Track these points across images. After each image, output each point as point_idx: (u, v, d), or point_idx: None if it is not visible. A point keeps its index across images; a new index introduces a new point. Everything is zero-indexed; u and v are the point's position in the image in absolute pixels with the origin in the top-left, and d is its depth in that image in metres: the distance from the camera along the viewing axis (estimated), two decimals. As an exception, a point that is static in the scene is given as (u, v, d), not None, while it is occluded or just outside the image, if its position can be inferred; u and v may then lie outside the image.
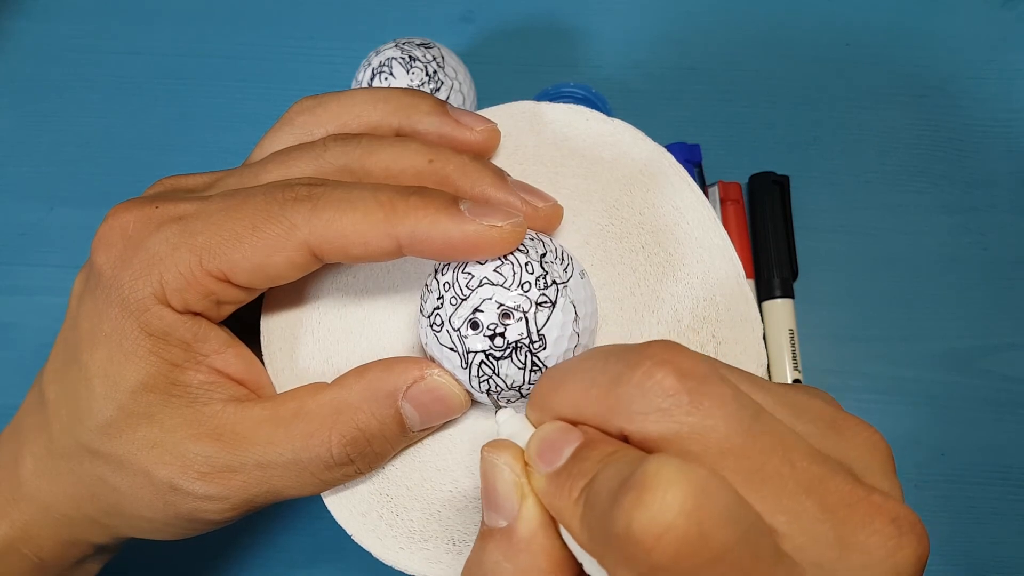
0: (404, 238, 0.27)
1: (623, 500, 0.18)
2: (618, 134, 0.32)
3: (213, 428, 0.28)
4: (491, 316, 0.27)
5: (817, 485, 0.20)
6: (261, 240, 0.27)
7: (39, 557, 0.32)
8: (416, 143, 0.30)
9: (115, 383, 0.28)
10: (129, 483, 0.29)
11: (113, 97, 0.53)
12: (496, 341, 0.27)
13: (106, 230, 0.29)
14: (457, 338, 0.27)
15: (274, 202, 0.27)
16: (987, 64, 0.53)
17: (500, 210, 0.27)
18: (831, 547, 0.20)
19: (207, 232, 0.28)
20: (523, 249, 0.28)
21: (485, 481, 0.23)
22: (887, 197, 0.50)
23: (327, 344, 0.31)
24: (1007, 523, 0.45)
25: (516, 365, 0.27)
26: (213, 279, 0.28)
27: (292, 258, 0.27)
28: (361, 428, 0.28)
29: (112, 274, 0.28)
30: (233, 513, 0.29)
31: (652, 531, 0.18)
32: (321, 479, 0.29)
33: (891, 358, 0.48)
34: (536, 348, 0.27)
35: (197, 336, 0.29)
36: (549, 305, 0.27)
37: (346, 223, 0.27)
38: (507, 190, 0.29)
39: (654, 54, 0.53)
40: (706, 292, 0.30)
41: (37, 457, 0.31)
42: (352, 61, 0.51)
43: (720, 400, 0.20)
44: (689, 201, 0.31)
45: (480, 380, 0.27)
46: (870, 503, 0.20)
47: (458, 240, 0.26)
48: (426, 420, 0.29)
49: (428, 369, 0.28)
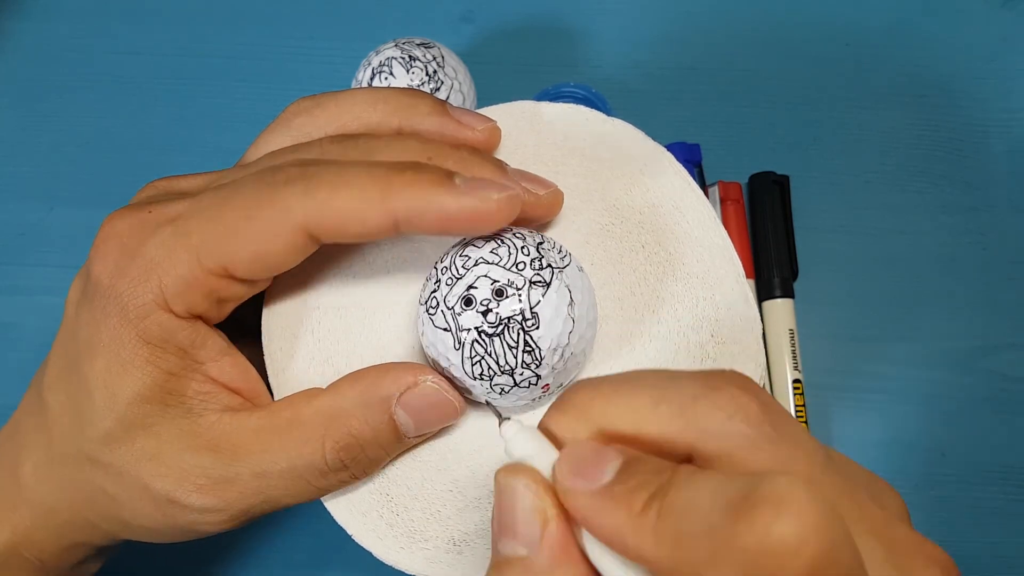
0: (400, 213, 0.26)
1: (754, 513, 0.18)
2: (618, 134, 0.32)
3: (210, 439, 0.28)
4: (485, 292, 0.27)
5: (882, 529, 0.21)
6: (256, 227, 0.27)
7: (40, 560, 0.32)
8: (414, 140, 0.30)
9: (113, 394, 0.28)
10: (128, 494, 0.29)
11: (113, 97, 0.53)
12: (489, 317, 0.26)
13: (101, 239, 0.29)
14: (451, 316, 0.27)
15: (265, 186, 0.27)
16: (987, 64, 0.53)
17: (495, 183, 0.27)
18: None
19: (201, 229, 0.27)
20: (520, 236, 0.28)
21: (502, 507, 0.22)
22: (887, 197, 0.50)
23: (328, 344, 0.31)
24: (1007, 523, 0.45)
25: (508, 343, 0.27)
26: (213, 276, 0.27)
27: (290, 242, 0.27)
28: (354, 435, 0.28)
29: (110, 283, 0.28)
30: (230, 524, 0.29)
31: (790, 544, 0.18)
32: (316, 486, 0.29)
33: (891, 358, 0.48)
34: (529, 326, 0.26)
35: (195, 342, 0.29)
36: (543, 284, 0.27)
37: (341, 201, 0.26)
38: (506, 178, 0.29)
39: (654, 54, 0.53)
40: (706, 291, 0.30)
41: (37, 463, 0.31)
42: (352, 61, 0.51)
43: (799, 436, 0.21)
44: (689, 201, 0.31)
45: (473, 362, 0.27)
46: (925, 551, 0.21)
47: (454, 212, 0.26)
48: (420, 427, 0.29)
49: (422, 375, 0.28)
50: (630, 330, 0.30)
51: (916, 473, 0.46)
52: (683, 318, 0.30)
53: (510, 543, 0.22)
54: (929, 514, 0.45)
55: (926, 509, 0.45)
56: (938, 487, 0.45)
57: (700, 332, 0.30)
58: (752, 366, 0.30)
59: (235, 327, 0.31)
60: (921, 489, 0.45)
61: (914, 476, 0.46)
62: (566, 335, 0.27)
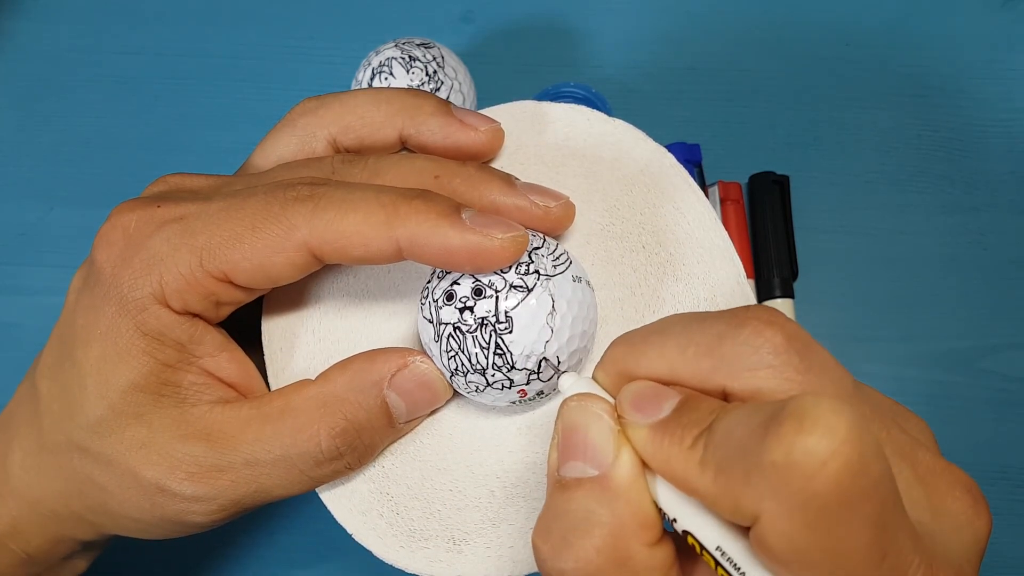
0: (404, 241, 0.27)
1: (780, 430, 0.18)
2: (619, 134, 0.32)
3: (201, 428, 0.28)
4: (465, 290, 0.27)
5: (910, 452, 0.22)
6: (261, 240, 0.27)
7: (26, 552, 0.32)
8: (421, 160, 0.30)
9: (107, 382, 0.28)
10: (117, 483, 0.29)
11: (113, 97, 0.54)
12: (464, 315, 0.27)
13: (108, 228, 0.29)
14: (434, 309, 0.27)
15: (275, 202, 0.27)
16: (987, 64, 0.53)
17: (502, 222, 0.27)
18: (925, 511, 0.21)
19: (207, 232, 0.27)
20: None
21: (573, 430, 0.23)
22: (887, 197, 0.50)
23: (328, 344, 0.31)
24: (1007, 523, 0.45)
25: (480, 343, 0.27)
26: (213, 279, 0.28)
27: (292, 258, 0.27)
28: (349, 419, 0.28)
29: (112, 272, 0.28)
30: (220, 515, 0.29)
31: (817, 456, 0.18)
32: (310, 476, 0.29)
33: (891, 358, 0.48)
34: (501, 329, 0.27)
35: (193, 338, 0.29)
36: (523, 290, 0.27)
37: (347, 224, 0.27)
38: (516, 194, 0.29)
39: (654, 54, 0.53)
40: (707, 292, 0.30)
41: (26, 451, 0.31)
42: (352, 61, 0.51)
43: (827, 363, 0.21)
44: (690, 201, 0.31)
45: (448, 356, 0.27)
46: (951, 473, 0.22)
47: (457, 248, 0.26)
48: (412, 409, 0.29)
49: (411, 357, 0.28)
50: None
51: (916, 473, 0.46)
52: (683, 318, 0.30)
53: (579, 465, 0.22)
54: (929, 514, 0.45)
55: (926, 509, 0.45)
56: (938, 487, 0.46)
57: (700, 332, 0.30)
58: (752, 366, 0.30)
59: (236, 326, 0.31)
60: (921, 489, 0.45)
61: (914, 476, 0.46)
62: (542, 343, 0.27)
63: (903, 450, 0.22)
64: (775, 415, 0.19)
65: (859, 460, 0.18)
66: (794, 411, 0.18)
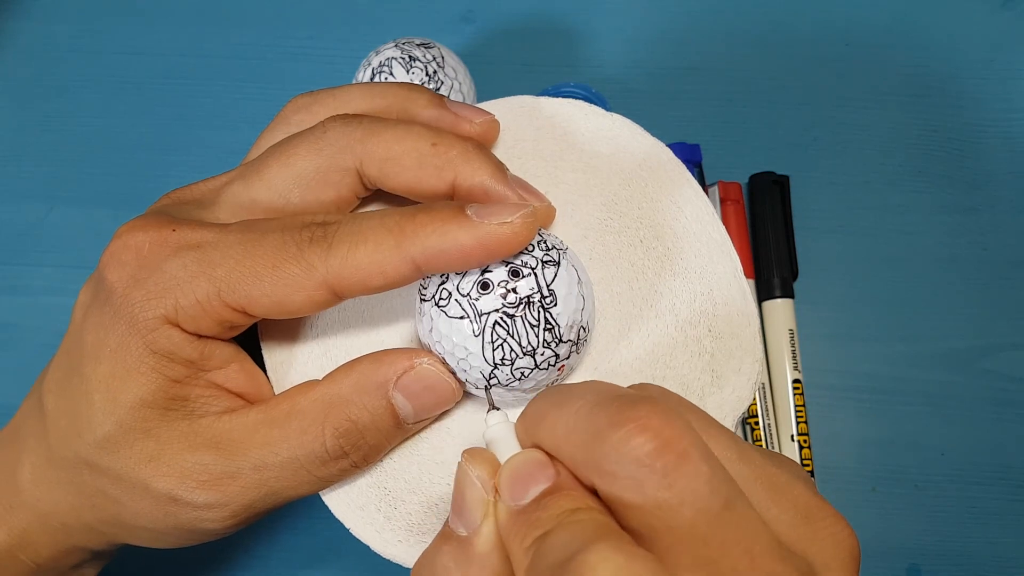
0: (419, 258, 0.27)
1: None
2: (617, 129, 0.32)
3: (209, 438, 0.28)
4: (501, 274, 0.27)
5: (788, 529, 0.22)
6: (281, 279, 0.27)
7: (36, 563, 0.32)
8: (419, 126, 0.30)
9: (115, 398, 0.28)
10: (129, 495, 0.29)
11: (113, 97, 0.54)
12: (509, 298, 0.27)
13: (119, 247, 0.29)
14: (468, 304, 0.27)
15: (292, 243, 0.27)
16: (987, 64, 0.53)
17: (507, 206, 0.27)
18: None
19: (226, 265, 0.27)
20: None
21: (456, 487, 0.24)
22: (887, 197, 0.50)
23: (326, 339, 0.31)
24: (1007, 523, 0.45)
25: (530, 322, 0.27)
26: (230, 310, 0.28)
27: (312, 296, 0.27)
28: (353, 420, 0.28)
29: (123, 292, 0.28)
30: (233, 520, 0.29)
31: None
32: (317, 476, 0.29)
33: (891, 358, 0.47)
34: (548, 303, 0.27)
35: (203, 355, 0.29)
36: (553, 264, 0.27)
37: (360, 256, 0.27)
38: (505, 184, 0.29)
39: (654, 54, 0.53)
40: (704, 287, 0.30)
41: (36, 466, 0.31)
42: (352, 61, 0.51)
43: (694, 482, 0.20)
44: (687, 196, 0.31)
45: (495, 346, 0.27)
46: (822, 510, 0.22)
47: (471, 245, 0.26)
48: (419, 410, 0.29)
49: (418, 358, 0.28)
50: (628, 325, 0.30)
51: (916, 473, 0.46)
52: (681, 313, 0.30)
53: (456, 519, 0.24)
54: (929, 514, 0.45)
55: (926, 509, 0.45)
56: (938, 487, 0.45)
57: (698, 327, 0.30)
58: (750, 361, 0.30)
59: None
60: (921, 489, 0.45)
61: (914, 476, 0.46)
62: (579, 312, 0.27)
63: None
64: (567, 561, 0.19)
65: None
66: (575, 569, 0.19)
